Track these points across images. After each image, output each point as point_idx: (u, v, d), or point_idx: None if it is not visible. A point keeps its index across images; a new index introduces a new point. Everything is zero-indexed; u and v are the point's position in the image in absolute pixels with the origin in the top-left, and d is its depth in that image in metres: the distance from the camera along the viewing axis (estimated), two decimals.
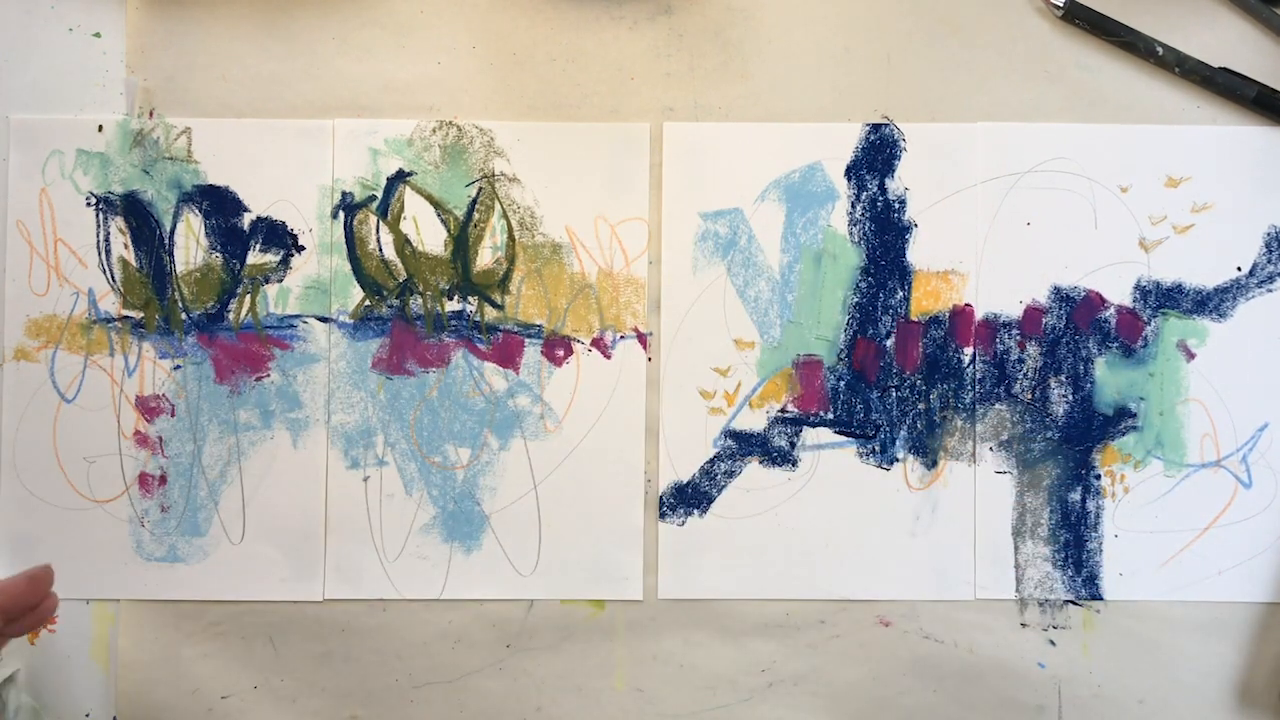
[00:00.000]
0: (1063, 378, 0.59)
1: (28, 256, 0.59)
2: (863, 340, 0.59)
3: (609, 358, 0.59)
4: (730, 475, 0.59)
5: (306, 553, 0.59)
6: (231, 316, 0.59)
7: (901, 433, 0.59)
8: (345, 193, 0.59)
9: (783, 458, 0.59)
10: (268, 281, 0.59)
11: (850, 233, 0.59)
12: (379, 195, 0.59)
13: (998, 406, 0.59)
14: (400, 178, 0.59)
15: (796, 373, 0.59)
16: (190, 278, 0.59)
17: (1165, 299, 0.59)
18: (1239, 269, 0.59)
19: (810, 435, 0.59)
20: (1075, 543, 0.59)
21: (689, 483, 0.59)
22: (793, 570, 0.59)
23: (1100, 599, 0.59)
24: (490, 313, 0.59)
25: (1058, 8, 0.59)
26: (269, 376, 0.59)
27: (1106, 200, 0.59)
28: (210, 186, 0.59)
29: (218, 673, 0.59)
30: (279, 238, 0.59)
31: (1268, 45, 0.60)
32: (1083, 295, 0.59)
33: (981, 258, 0.59)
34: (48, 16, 0.60)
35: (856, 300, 0.59)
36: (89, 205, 0.59)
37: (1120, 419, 0.59)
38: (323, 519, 0.59)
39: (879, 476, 0.59)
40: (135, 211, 0.59)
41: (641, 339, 0.59)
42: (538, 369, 0.59)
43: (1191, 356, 0.59)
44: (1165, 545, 0.59)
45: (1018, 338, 0.59)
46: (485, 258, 0.59)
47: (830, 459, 0.59)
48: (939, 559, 0.59)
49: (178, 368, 0.59)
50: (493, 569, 0.59)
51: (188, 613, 0.59)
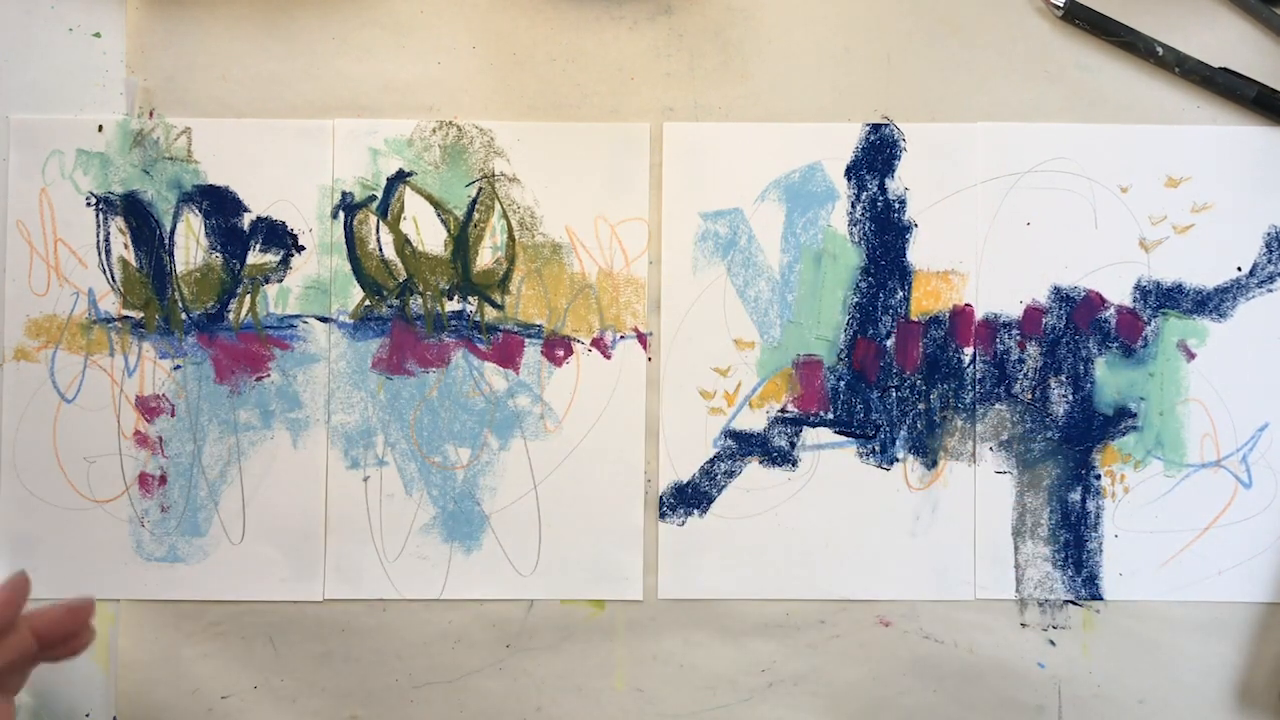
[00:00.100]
0: (1063, 378, 0.59)
1: (28, 256, 0.59)
2: (863, 340, 0.59)
3: (609, 358, 0.59)
4: (730, 475, 0.59)
5: (306, 553, 0.59)
6: (231, 316, 0.59)
7: (901, 433, 0.59)
8: (345, 193, 0.59)
9: (783, 458, 0.59)
10: (268, 281, 0.59)
11: (850, 233, 0.59)
12: (379, 195, 0.59)
13: (998, 406, 0.59)
14: (400, 178, 0.59)
15: (796, 373, 0.59)
16: (190, 278, 0.59)
17: (1165, 299, 0.59)
18: (1239, 269, 0.59)
19: (810, 435, 0.59)
20: (1075, 543, 0.59)
21: (689, 483, 0.59)
22: (793, 570, 0.59)
23: (1100, 599, 0.59)
24: (490, 313, 0.59)
25: (1058, 8, 0.59)
26: (269, 376, 0.59)
27: (1106, 200, 0.59)
28: (210, 186, 0.59)
29: (218, 673, 0.59)
30: (279, 238, 0.59)
31: (1268, 45, 0.60)
32: (1083, 295, 0.59)
33: (981, 258, 0.59)
34: (48, 16, 0.60)
35: (856, 300, 0.59)
36: (89, 205, 0.59)
37: (1120, 419, 0.59)
38: (323, 519, 0.59)
39: (879, 476, 0.59)
40: (135, 211, 0.59)
41: (641, 339, 0.59)
42: (538, 369, 0.59)
43: (1191, 356, 0.59)
44: (1165, 545, 0.59)
45: (1018, 338, 0.59)
46: (485, 258, 0.59)
47: (830, 459, 0.59)
48: (939, 559, 0.59)
49: (178, 368, 0.59)
50: (493, 569, 0.59)
51: (188, 613, 0.59)
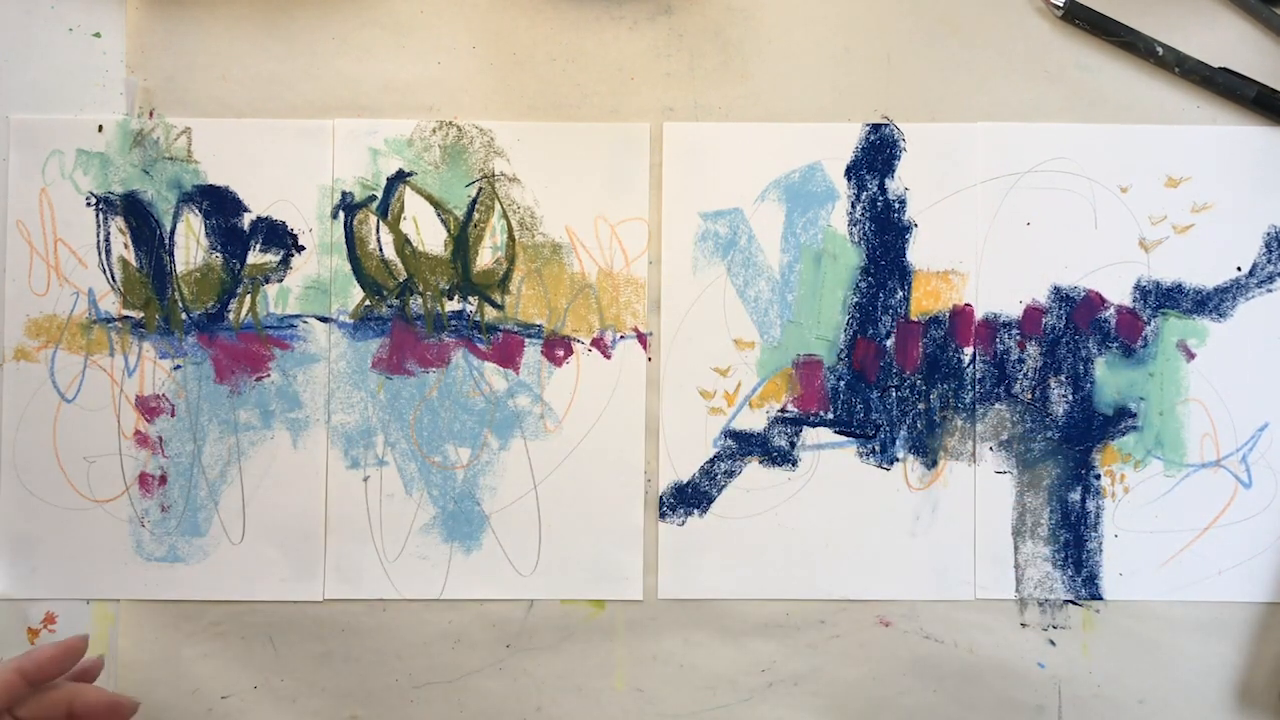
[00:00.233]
0: (1063, 378, 0.59)
1: (28, 256, 0.59)
2: (863, 340, 0.59)
3: (609, 358, 0.59)
4: (730, 475, 0.59)
5: (306, 553, 0.59)
6: (231, 316, 0.59)
7: (901, 433, 0.59)
8: (345, 193, 0.59)
9: (783, 458, 0.59)
10: (268, 281, 0.59)
11: (850, 233, 0.59)
12: (379, 195, 0.59)
13: (998, 406, 0.59)
14: (400, 178, 0.59)
15: (796, 373, 0.59)
16: (190, 278, 0.59)
17: (1165, 299, 0.59)
18: (1239, 269, 0.59)
19: (810, 435, 0.59)
20: (1075, 543, 0.59)
21: (689, 483, 0.59)
22: (793, 570, 0.59)
23: (1100, 599, 0.59)
24: (490, 313, 0.59)
25: (1058, 8, 0.59)
26: (269, 376, 0.59)
27: (1106, 200, 0.59)
28: (210, 186, 0.59)
29: (218, 673, 0.59)
30: (279, 238, 0.59)
31: (1268, 45, 0.60)
32: (1083, 295, 0.59)
33: (981, 258, 0.59)
34: (48, 16, 0.60)
35: (856, 300, 0.59)
36: (89, 205, 0.59)
37: (1120, 419, 0.59)
38: (323, 519, 0.59)
39: (879, 476, 0.59)
40: (135, 211, 0.59)
41: (641, 339, 0.59)
42: (538, 369, 0.59)
43: (1191, 356, 0.59)
44: (1165, 545, 0.59)
45: (1018, 338, 0.59)
46: (485, 258, 0.59)
47: (830, 459, 0.59)
48: (939, 559, 0.59)
49: (178, 368, 0.59)
50: (493, 569, 0.59)
51: (188, 613, 0.59)
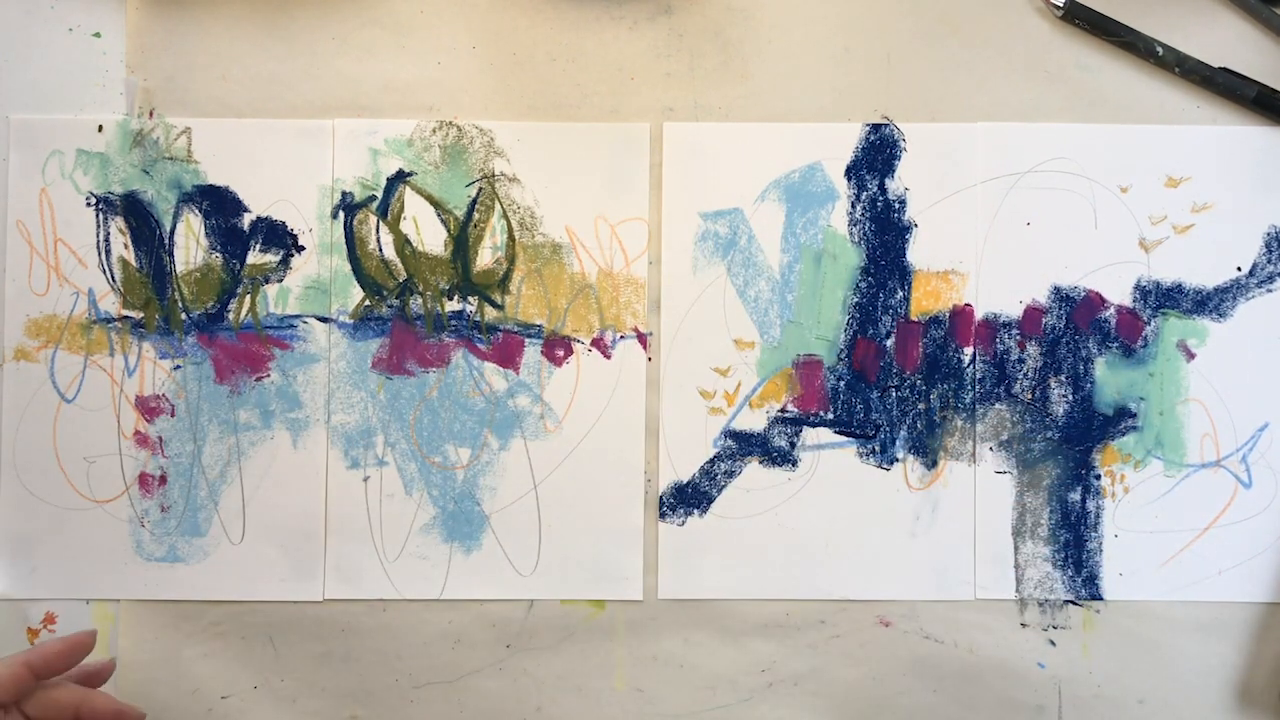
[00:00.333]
0: (1063, 378, 0.59)
1: (28, 256, 0.59)
2: (863, 340, 0.59)
3: (609, 358, 0.59)
4: (730, 475, 0.59)
5: (306, 553, 0.59)
6: (231, 316, 0.59)
7: (901, 433, 0.59)
8: (345, 193, 0.59)
9: (783, 458, 0.59)
10: (268, 281, 0.59)
11: (850, 233, 0.59)
12: (379, 195, 0.59)
13: (998, 406, 0.59)
14: (400, 178, 0.59)
15: (796, 373, 0.59)
16: (190, 278, 0.59)
17: (1165, 299, 0.59)
18: (1239, 269, 0.59)
19: (810, 435, 0.59)
20: (1075, 543, 0.59)
21: (689, 483, 0.59)
22: (793, 570, 0.59)
23: (1100, 599, 0.59)
24: (490, 313, 0.59)
25: (1058, 8, 0.59)
26: (269, 376, 0.59)
27: (1106, 200, 0.59)
28: (210, 186, 0.59)
29: (218, 673, 0.59)
30: (279, 238, 0.59)
31: (1268, 45, 0.60)
32: (1083, 295, 0.59)
33: (981, 258, 0.59)
34: (48, 16, 0.60)
35: (856, 300, 0.59)
36: (89, 205, 0.59)
37: (1120, 419, 0.59)
38: (323, 519, 0.59)
39: (879, 476, 0.59)
40: (135, 211, 0.59)
41: (641, 339, 0.59)
42: (538, 369, 0.59)
43: (1191, 356, 0.59)
44: (1165, 545, 0.59)
45: (1018, 338, 0.59)
46: (485, 258, 0.59)
47: (830, 459, 0.59)
48: (939, 559, 0.59)
49: (178, 368, 0.59)
50: (493, 569, 0.59)
51: (188, 613, 0.59)
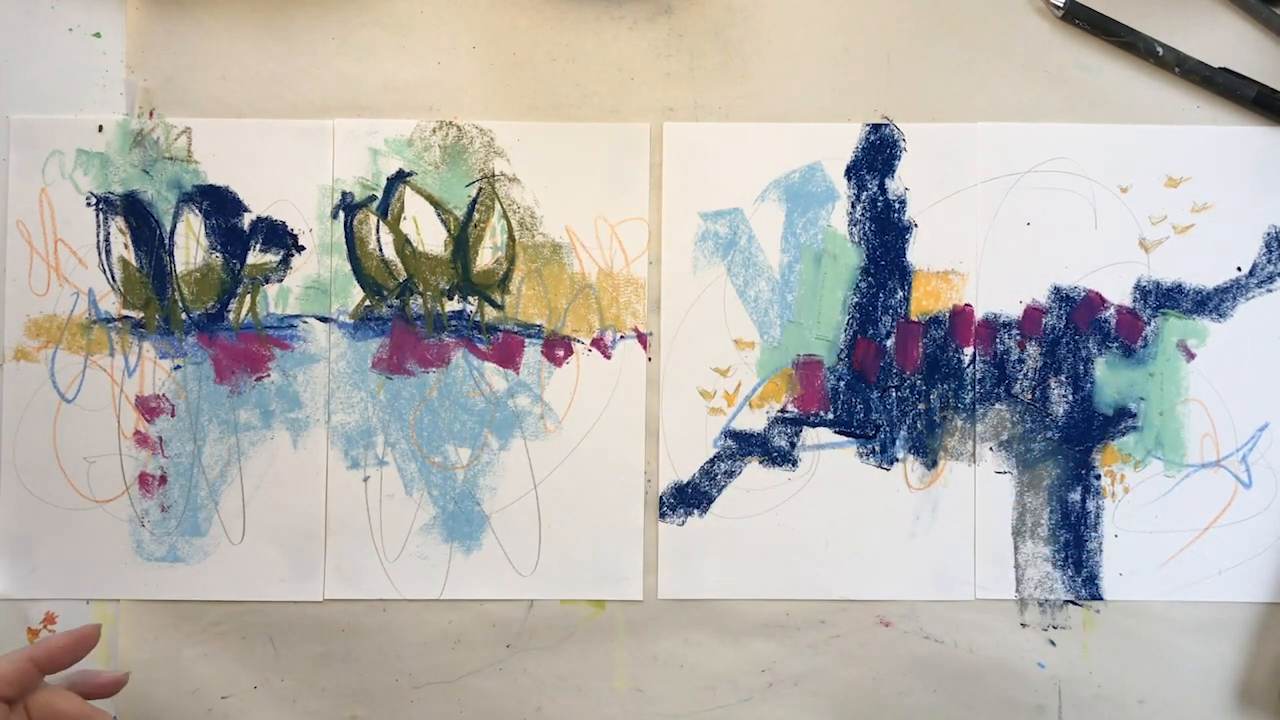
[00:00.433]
0: (1063, 378, 0.59)
1: (28, 256, 0.59)
2: (863, 340, 0.59)
3: (609, 358, 0.59)
4: (730, 475, 0.59)
5: (306, 553, 0.59)
6: (231, 316, 0.59)
7: (901, 433, 0.59)
8: (345, 193, 0.59)
9: (783, 458, 0.59)
10: (268, 281, 0.59)
11: (850, 233, 0.59)
12: (379, 195, 0.59)
13: (998, 406, 0.59)
14: (400, 178, 0.59)
15: (796, 373, 0.59)
16: (190, 278, 0.59)
17: (1165, 299, 0.59)
18: (1239, 269, 0.59)
19: (810, 435, 0.59)
20: (1075, 543, 0.59)
21: (689, 483, 0.59)
22: (792, 570, 0.59)
23: (1100, 599, 0.59)
24: (490, 313, 0.59)
25: (1058, 8, 0.59)
26: (269, 376, 0.59)
27: (1106, 200, 0.59)
28: (210, 186, 0.59)
29: (218, 673, 0.59)
30: (279, 238, 0.59)
31: (1268, 45, 0.60)
32: (1083, 295, 0.59)
33: (981, 258, 0.59)
34: (48, 16, 0.60)
35: (856, 300, 0.59)
36: (89, 205, 0.59)
37: (1120, 419, 0.59)
38: (323, 519, 0.59)
39: (879, 476, 0.59)
40: (135, 211, 0.59)
41: (641, 339, 0.59)
42: (538, 369, 0.59)
43: (1191, 356, 0.59)
44: (1165, 545, 0.59)
45: (1018, 338, 0.59)
46: (485, 258, 0.59)
47: (830, 459, 0.59)
48: (939, 559, 0.59)
49: (178, 368, 0.59)
50: (493, 569, 0.59)
51: (188, 613, 0.59)
